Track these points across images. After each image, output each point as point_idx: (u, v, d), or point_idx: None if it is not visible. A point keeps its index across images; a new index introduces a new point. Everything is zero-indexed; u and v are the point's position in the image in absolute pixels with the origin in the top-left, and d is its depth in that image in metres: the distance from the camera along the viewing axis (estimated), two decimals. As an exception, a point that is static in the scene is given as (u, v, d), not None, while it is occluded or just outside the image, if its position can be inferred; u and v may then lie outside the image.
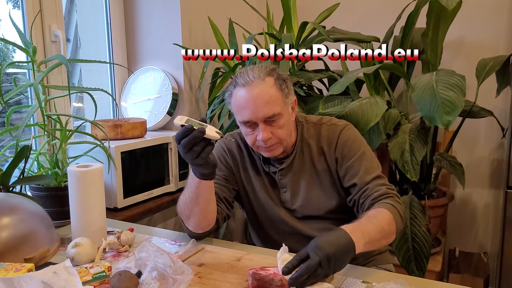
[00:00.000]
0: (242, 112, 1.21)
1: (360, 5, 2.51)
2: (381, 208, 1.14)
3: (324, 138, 1.30)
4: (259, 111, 1.18)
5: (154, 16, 2.14)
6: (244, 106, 1.20)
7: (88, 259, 1.10)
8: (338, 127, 1.30)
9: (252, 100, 1.18)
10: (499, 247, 2.12)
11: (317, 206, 1.29)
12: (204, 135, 1.01)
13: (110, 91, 2.16)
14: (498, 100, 2.21)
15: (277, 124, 1.21)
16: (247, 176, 1.36)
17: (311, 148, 1.30)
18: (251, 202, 1.37)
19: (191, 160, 1.05)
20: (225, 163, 1.36)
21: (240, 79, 1.21)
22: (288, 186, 1.31)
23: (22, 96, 1.67)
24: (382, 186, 1.21)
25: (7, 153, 1.49)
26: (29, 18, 1.68)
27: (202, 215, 1.20)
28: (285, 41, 1.77)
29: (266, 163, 1.33)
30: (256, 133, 1.22)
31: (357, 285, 1.02)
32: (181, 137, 1.01)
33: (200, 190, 1.14)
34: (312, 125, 1.33)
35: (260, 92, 1.18)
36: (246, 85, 1.19)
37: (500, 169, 2.36)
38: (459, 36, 2.34)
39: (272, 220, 1.34)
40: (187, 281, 0.93)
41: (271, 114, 1.19)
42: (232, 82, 1.24)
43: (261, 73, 1.20)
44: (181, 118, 1.04)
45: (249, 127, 1.22)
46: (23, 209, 1.20)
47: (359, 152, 1.26)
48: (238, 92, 1.21)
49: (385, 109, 1.72)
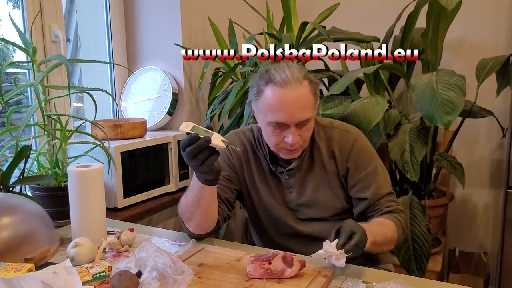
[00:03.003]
0: (275, 113, 1.16)
1: (360, 5, 2.51)
2: (387, 219, 1.20)
3: (335, 142, 1.29)
4: (295, 115, 1.15)
5: (154, 16, 2.14)
6: (279, 108, 1.15)
7: (88, 259, 1.10)
8: (352, 134, 1.29)
9: (290, 103, 1.14)
10: (499, 247, 2.12)
11: (323, 208, 1.29)
12: (210, 143, 0.99)
13: (110, 91, 2.16)
14: (498, 100, 2.21)
15: (306, 128, 1.20)
16: (251, 176, 1.35)
17: (321, 150, 1.29)
18: (254, 202, 1.36)
19: (195, 167, 1.04)
20: (229, 162, 1.34)
21: (277, 76, 1.15)
22: (295, 186, 1.30)
23: (22, 96, 1.67)
24: (392, 203, 1.26)
25: (7, 153, 1.49)
26: (29, 18, 1.68)
27: (203, 218, 1.20)
28: (285, 41, 1.77)
29: (273, 163, 1.31)
30: (284, 134, 1.19)
31: (357, 285, 1.02)
32: (186, 145, 1.00)
33: (202, 194, 1.13)
34: (322, 128, 1.32)
35: (299, 95, 1.15)
36: (285, 85, 1.14)
37: (500, 169, 2.36)
38: (459, 36, 2.34)
39: (274, 220, 1.34)
40: (187, 281, 0.93)
41: (305, 118, 1.17)
42: (263, 77, 1.18)
43: (300, 75, 1.16)
44: (187, 125, 1.02)
45: (278, 128, 1.18)
46: (23, 209, 1.20)
47: (372, 165, 1.27)
48: (273, 91, 1.15)
49: (386, 107, 1.72)
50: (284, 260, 1.01)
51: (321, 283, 0.99)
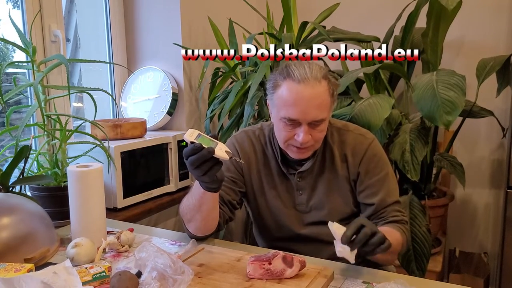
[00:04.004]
0: (289, 109, 1.14)
1: (360, 5, 2.50)
2: (394, 229, 1.18)
3: (349, 146, 1.27)
4: (309, 113, 1.14)
5: (154, 16, 2.14)
6: (294, 103, 1.13)
7: (88, 259, 1.10)
8: (367, 139, 1.28)
9: (306, 100, 1.13)
10: (500, 247, 2.12)
11: (332, 212, 1.27)
12: (213, 154, 0.98)
13: (110, 91, 2.15)
14: (499, 100, 2.21)
15: (319, 128, 1.18)
16: (258, 177, 1.32)
17: (334, 153, 1.27)
18: (259, 204, 1.34)
19: (197, 176, 1.03)
20: (236, 163, 1.30)
21: (296, 72, 1.14)
22: (305, 188, 1.29)
23: (22, 96, 1.67)
24: (398, 213, 1.24)
25: (7, 153, 1.49)
26: (29, 18, 1.67)
27: (203, 222, 1.20)
28: (285, 41, 1.77)
29: (284, 165, 1.29)
30: (295, 132, 1.17)
31: (357, 285, 1.01)
32: (189, 154, 0.98)
33: (204, 200, 1.12)
34: (336, 130, 1.30)
35: (316, 93, 1.13)
36: (302, 82, 1.13)
37: (500, 169, 2.36)
38: (459, 36, 2.33)
39: (279, 223, 1.32)
40: (187, 281, 0.93)
41: (319, 118, 1.15)
42: (281, 71, 1.17)
43: (319, 73, 1.15)
44: (192, 134, 1.01)
45: (291, 124, 1.17)
46: (23, 209, 1.20)
47: (383, 172, 1.26)
48: (291, 86, 1.14)
49: (392, 103, 1.72)
50: (284, 261, 1.01)
51: (321, 283, 0.99)
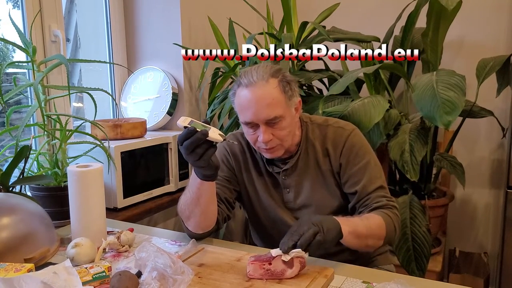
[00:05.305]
0: (244, 113, 1.21)
1: (360, 5, 2.51)
2: (375, 214, 1.18)
3: (329, 140, 1.29)
4: (260, 113, 1.18)
5: (154, 16, 2.14)
6: (246, 107, 1.19)
7: (88, 259, 1.10)
8: (346, 131, 1.29)
9: (254, 101, 1.18)
10: (500, 247, 2.12)
11: (320, 207, 1.29)
12: (207, 137, 1.00)
13: (110, 91, 2.15)
14: (498, 100, 2.21)
15: (279, 126, 1.20)
16: (249, 177, 1.35)
17: (316, 149, 1.30)
18: (253, 203, 1.36)
19: (193, 161, 1.04)
20: (227, 164, 1.35)
21: (244, 79, 1.20)
22: (292, 186, 1.31)
23: (22, 96, 1.67)
24: (382, 198, 1.23)
25: (7, 153, 1.49)
26: (29, 18, 1.67)
27: (202, 216, 1.20)
28: (285, 41, 1.77)
29: (269, 164, 1.32)
30: (257, 134, 1.22)
31: (357, 285, 1.01)
32: (183, 139, 1.01)
33: (201, 191, 1.14)
34: (317, 126, 1.32)
35: (262, 94, 1.17)
36: (249, 86, 1.18)
37: (500, 169, 2.36)
38: (459, 36, 2.34)
39: (274, 221, 1.34)
40: (187, 281, 0.93)
41: (272, 116, 1.18)
42: (237, 81, 1.24)
43: (265, 74, 1.19)
44: (184, 120, 1.04)
45: (251, 127, 1.22)
46: (23, 209, 1.20)
47: (364, 160, 1.26)
48: (241, 92, 1.20)
49: (387, 107, 1.72)
50: (284, 261, 1.01)
51: (321, 283, 0.99)
